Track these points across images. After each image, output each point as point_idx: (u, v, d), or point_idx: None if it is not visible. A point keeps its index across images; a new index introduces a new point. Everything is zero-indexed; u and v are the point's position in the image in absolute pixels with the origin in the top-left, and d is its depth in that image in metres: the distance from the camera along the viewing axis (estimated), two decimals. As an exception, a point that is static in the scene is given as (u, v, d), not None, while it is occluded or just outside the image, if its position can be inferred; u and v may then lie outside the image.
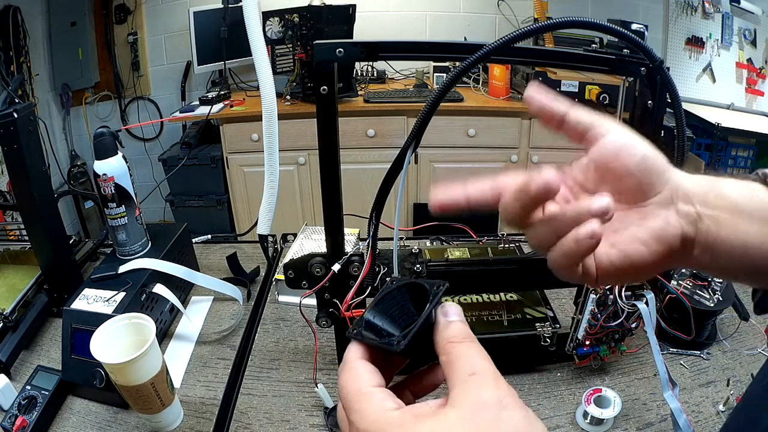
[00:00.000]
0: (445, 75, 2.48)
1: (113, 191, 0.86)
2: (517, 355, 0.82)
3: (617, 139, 0.37)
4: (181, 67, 2.65)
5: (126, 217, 0.89)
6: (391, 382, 0.36)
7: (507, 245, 1.06)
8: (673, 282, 0.84)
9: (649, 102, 0.63)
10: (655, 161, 0.36)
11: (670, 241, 0.36)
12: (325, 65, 0.58)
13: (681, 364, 0.82)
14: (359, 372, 0.32)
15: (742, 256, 0.36)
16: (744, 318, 0.89)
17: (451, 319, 0.33)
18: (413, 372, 0.36)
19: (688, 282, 0.85)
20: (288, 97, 2.34)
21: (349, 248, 0.71)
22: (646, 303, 0.71)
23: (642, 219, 0.36)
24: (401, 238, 1.03)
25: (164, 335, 0.92)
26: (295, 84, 2.34)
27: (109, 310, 0.78)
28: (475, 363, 0.30)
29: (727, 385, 0.78)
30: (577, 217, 0.34)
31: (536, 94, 0.38)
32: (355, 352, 0.34)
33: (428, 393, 0.36)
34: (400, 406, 0.30)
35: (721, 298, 0.82)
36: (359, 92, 2.44)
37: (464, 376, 0.30)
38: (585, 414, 0.72)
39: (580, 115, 0.38)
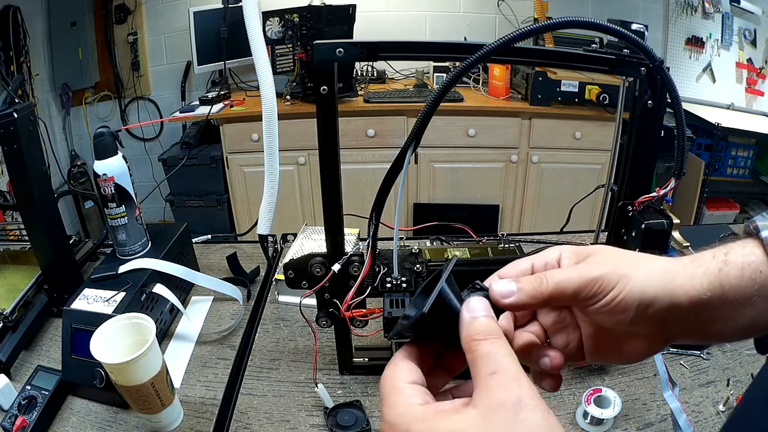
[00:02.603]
0: (445, 75, 2.48)
1: (113, 191, 0.86)
2: (517, 355, 0.82)
3: (611, 306, 0.36)
4: (181, 67, 2.65)
5: (126, 217, 0.89)
6: (447, 384, 0.37)
7: (507, 245, 1.06)
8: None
9: (649, 102, 0.63)
10: (647, 314, 0.36)
11: (649, 353, 0.38)
12: (325, 65, 0.58)
13: (681, 364, 0.82)
14: (398, 369, 0.34)
15: (736, 334, 0.37)
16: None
17: (476, 315, 0.33)
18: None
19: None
20: (288, 97, 2.34)
21: (349, 248, 0.71)
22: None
23: (623, 340, 0.38)
24: (401, 238, 1.03)
25: (164, 335, 0.92)
26: (295, 84, 2.34)
27: (109, 310, 0.78)
28: (497, 362, 0.30)
29: (727, 385, 0.77)
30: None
31: (505, 298, 0.37)
32: (402, 352, 0.35)
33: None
34: (428, 402, 0.31)
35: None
36: (359, 92, 2.44)
37: (485, 375, 0.30)
38: (585, 414, 0.72)
39: (563, 290, 0.36)
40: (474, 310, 0.33)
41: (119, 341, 0.70)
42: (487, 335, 0.32)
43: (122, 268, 0.87)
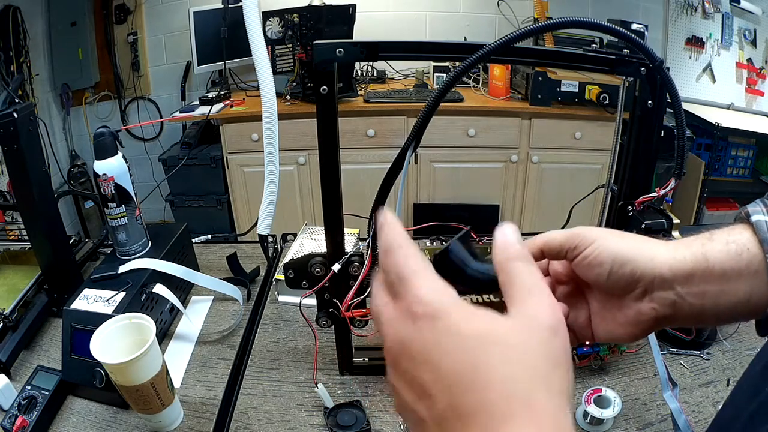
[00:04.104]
0: (445, 75, 2.48)
1: (113, 191, 0.86)
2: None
3: (589, 259, 0.40)
4: (181, 67, 2.64)
5: (126, 217, 0.89)
6: None
7: (507, 245, 1.06)
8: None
9: (649, 102, 0.63)
10: (623, 271, 0.39)
11: (644, 324, 0.40)
12: (325, 65, 0.58)
13: (681, 364, 0.82)
14: (412, 250, 0.31)
15: (730, 312, 0.38)
16: (744, 318, 0.89)
17: (509, 239, 0.33)
18: None
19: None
20: (288, 97, 2.34)
21: (349, 248, 0.71)
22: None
23: (619, 309, 0.41)
24: (401, 238, 1.03)
25: (164, 335, 0.92)
26: (295, 84, 2.34)
27: (109, 310, 0.78)
28: (536, 282, 0.31)
29: (727, 385, 0.77)
30: None
31: None
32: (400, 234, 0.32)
33: None
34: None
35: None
36: (359, 92, 2.44)
37: (524, 292, 0.30)
38: (585, 414, 0.72)
39: (551, 241, 0.42)
40: (507, 234, 0.33)
41: (119, 341, 0.70)
42: (524, 257, 0.32)
43: (122, 268, 0.87)
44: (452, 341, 0.27)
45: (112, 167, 0.85)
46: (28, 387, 0.75)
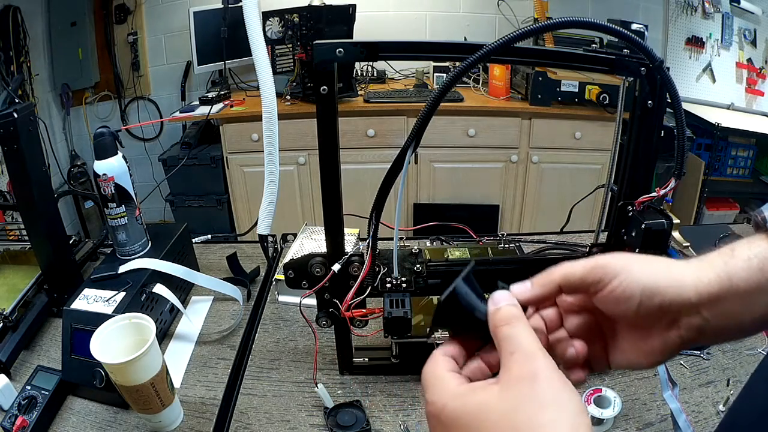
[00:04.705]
0: (445, 75, 2.48)
1: (113, 191, 0.86)
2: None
3: (616, 293, 0.38)
4: (181, 67, 2.64)
5: (126, 217, 0.89)
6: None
7: (507, 245, 1.06)
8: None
9: (649, 102, 0.63)
10: (651, 303, 0.37)
11: (669, 352, 0.39)
12: (325, 65, 0.58)
13: (681, 364, 0.82)
14: (437, 360, 0.37)
15: (753, 325, 0.38)
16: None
17: (498, 305, 0.37)
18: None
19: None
20: (288, 97, 2.34)
21: (349, 248, 0.71)
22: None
23: (642, 338, 0.39)
24: (401, 238, 1.03)
25: (164, 335, 0.92)
26: (295, 84, 2.34)
27: (109, 310, 0.78)
28: (516, 343, 0.34)
29: (727, 385, 0.77)
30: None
31: (522, 295, 0.40)
32: (440, 348, 0.39)
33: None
34: (462, 383, 0.36)
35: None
36: (359, 92, 2.44)
37: (507, 355, 0.34)
38: (585, 414, 0.72)
39: (570, 276, 0.40)
40: (497, 302, 0.37)
41: (119, 341, 0.70)
42: (508, 321, 0.36)
43: (122, 268, 0.87)
44: (457, 426, 0.33)
45: (112, 167, 0.85)
46: (28, 387, 0.75)
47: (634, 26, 2.38)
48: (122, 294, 0.81)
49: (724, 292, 0.36)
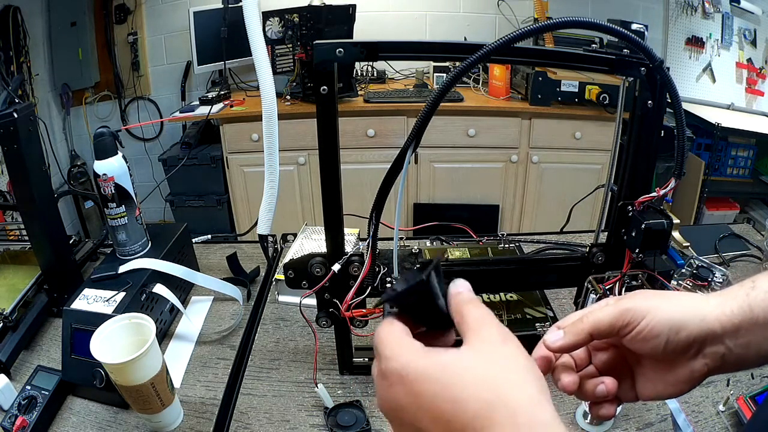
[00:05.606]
0: (445, 75, 2.48)
1: (113, 191, 0.86)
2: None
3: (644, 333, 0.40)
4: (181, 67, 2.64)
5: (126, 217, 0.89)
6: None
7: (507, 245, 1.06)
8: (673, 282, 0.84)
9: (649, 102, 0.63)
10: (678, 338, 0.39)
11: (696, 381, 0.41)
12: (325, 65, 0.58)
13: (681, 364, 0.82)
14: (395, 324, 0.38)
15: None
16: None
17: (460, 290, 0.38)
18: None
19: (688, 282, 0.85)
20: (288, 97, 2.34)
21: (349, 248, 0.71)
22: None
23: (669, 370, 0.41)
24: (401, 238, 1.03)
25: (164, 335, 0.92)
26: (295, 84, 2.34)
27: (109, 310, 0.78)
28: (484, 315, 0.36)
29: (727, 385, 0.78)
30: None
31: (555, 343, 0.42)
32: (392, 317, 0.39)
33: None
34: (423, 347, 0.36)
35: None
36: (359, 92, 2.44)
37: (472, 322, 0.35)
38: (585, 414, 0.72)
39: (599, 323, 0.41)
40: (460, 286, 0.39)
41: (119, 341, 0.70)
42: (472, 301, 0.37)
43: (122, 268, 0.87)
44: (424, 379, 0.33)
45: (112, 167, 0.85)
46: (28, 387, 0.75)
47: (634, 26, 2.39)
48: (122, 294, 0.81)
49: (746, 323, 0.38)
